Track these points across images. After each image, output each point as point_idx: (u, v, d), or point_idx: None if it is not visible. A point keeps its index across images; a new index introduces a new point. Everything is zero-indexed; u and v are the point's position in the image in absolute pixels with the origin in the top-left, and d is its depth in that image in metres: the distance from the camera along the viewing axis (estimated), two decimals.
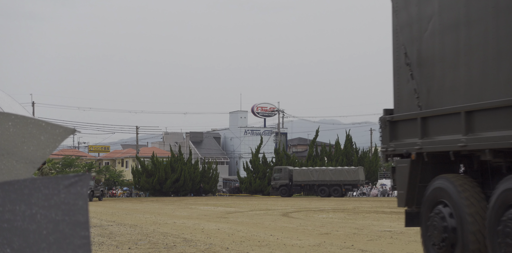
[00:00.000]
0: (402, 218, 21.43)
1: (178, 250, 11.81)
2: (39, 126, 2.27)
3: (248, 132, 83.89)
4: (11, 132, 2.26)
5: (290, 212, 27.01)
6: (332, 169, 57.05)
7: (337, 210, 28.41)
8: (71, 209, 1.73)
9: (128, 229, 17.48)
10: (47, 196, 1.75)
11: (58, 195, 1.75)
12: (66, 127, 2.33)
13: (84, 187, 1.78)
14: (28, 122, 2.26)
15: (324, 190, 55.96)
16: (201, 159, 73.11)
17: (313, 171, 56.80)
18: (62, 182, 1.77)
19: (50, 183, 1.77)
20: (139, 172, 64.98)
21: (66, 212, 1.73)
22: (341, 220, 20.67)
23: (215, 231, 16.23)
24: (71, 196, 1.75)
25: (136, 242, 13.42)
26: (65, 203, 1.74)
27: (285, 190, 57.12)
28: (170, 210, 29.90)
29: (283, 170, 57.84)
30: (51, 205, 1.74)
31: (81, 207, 1.75)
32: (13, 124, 2.26)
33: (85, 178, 1.79)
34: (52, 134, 2.29)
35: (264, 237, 14.22)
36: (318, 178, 56.19)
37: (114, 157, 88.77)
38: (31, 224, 1.72)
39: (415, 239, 13.59)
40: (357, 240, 13.41)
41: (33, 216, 1.73)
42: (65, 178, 1.78)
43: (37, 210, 1.74)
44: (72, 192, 1.76)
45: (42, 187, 1.77)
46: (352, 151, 67.45)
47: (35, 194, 1.76)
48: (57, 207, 1.74)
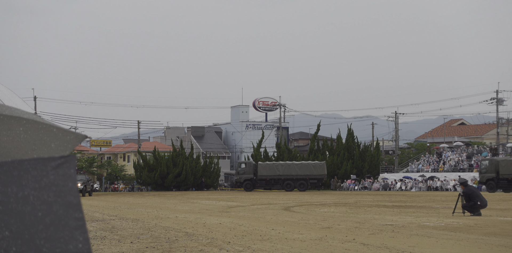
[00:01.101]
0: (403, 212, 21.48)
1: (180, 244, 11.83)
2: (50, 132, 2.19)
3: (250, 126, 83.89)
4: (22, 138, 2.16)
5: (292, 206, 27.04)
6: (298, 163, 57.29)
7: (339, 204, 28.44)
8: (62, 190, 1.72)
9: (130, 223, 17.51)
10: (36, 178, 1.74)
11: (47, 176, 1.74)
12: (77, 133, 2.26)
13: (71, 168, 1.76)
14: (40, 128, 2.18)
15: (289, 184, 56.09)
16: (203, 154, 73.15)
17: (279, 165, 56.94)
18: (49, 163, 1.75)
19: (37, 164, 1.75)
20: (141, 167, 65.06)
21: (57, 193, 1.72)
22: (342, 214, 20.69)
23: (217, 225, 16.25)
24: (60, 177, 1.74)
25: (138, 236, 13.44)
26: (55, 184, 1.73)
27: (249, 184, 56.96)
28: (172, 204, 29.94)
29: (248, 164, 57.83)
30: (41, 186, 1.73)
31: (71, 188, 1.73)
32: (24, 130, 2.16)
33: (71, 159, 1.78)
34: (63, 141, 2.21)
35: (266, 231, 14.24)
36: (283, 172, 56.24)
37: (116, 151, 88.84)
38: (25, 206, 1.70)
39: (416, 233, 13.61)
40: (358, 234, 13.41)
41: (26, 198, 1.71)
42: (52, 159, 1.76)
43: (29, 192, 1.72)
44: (60, 173, 1.75)
45: (30, 169, 1.75)
46: (353, 145, 67.44)
47: (25, 176, 1.74)
48: (48, 189, 1.72)
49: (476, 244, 11.58)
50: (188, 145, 75.05)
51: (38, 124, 2.19)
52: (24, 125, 2.16)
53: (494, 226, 15.42)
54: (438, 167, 63.41)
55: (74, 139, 2.24)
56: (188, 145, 75.62)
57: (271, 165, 56.99)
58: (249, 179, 57.09)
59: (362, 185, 62.28)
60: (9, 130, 2.16)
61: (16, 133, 2.16)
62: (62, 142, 2.21)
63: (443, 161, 64.69)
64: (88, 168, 75.52)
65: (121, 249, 11.10)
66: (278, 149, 67.42)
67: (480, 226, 15.35)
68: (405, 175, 62.51)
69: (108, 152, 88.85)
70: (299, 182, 56.17)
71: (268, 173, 56.33)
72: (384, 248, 10.90)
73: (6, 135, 2.15)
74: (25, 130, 2.17)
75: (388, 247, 11.10)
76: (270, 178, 56.52)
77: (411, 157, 78.96)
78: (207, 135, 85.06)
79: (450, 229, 14.70)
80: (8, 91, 4.29)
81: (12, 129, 2.16)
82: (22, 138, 2.17)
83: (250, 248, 11.10)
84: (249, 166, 57.67)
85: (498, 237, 12.78)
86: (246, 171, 57.13)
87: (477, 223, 16.39)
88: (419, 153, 78.24)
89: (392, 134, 79.93)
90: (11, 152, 2.17)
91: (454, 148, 69.35)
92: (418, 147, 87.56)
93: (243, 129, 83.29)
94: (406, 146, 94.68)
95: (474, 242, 11.91)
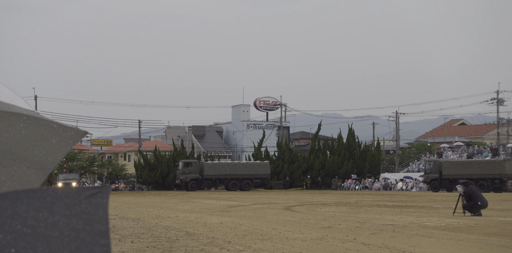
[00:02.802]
0: (404, 212, 21.47)
1: (180, 243, 11.83)
2: (50, 128, 2.20)
3: (251, 126, 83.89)
4: (23, 135, 2.18)
5: (293, 205, 27.04)
6: (243, 163, 57.41)
7: (340, 204, 28.44)
8: (92, 219, 1.77)
9: (130, 222, 17.51)
10: (68, 205, 1.79)
11: (79, 204, 1.79)
12: (78, 129, 2.25)
13: (104, 198, 1.82)
14: (40, 124, 2.19)
15: (235, 184, 55.98)
16: (204, 153, 73.15)
17: (225, 165, 56.85)
18: (83, 192, 1.81)
19: (71, 193, 1.81)
20: (142, 166, 65.06)
21: (87, 221, 1.77)
22: (343, 214, 20.69)
23: (218, 224, 16.26)
24: (91, 206, 1.79)
25: (138, 236, 13.45)
26: (86, 212, 1.78)
27: (195, 184, 56.29)
28: (173, 203, 29.95)
29: (194, 164, 56.98)
30: (72, 214, 1.78)
31: (102, 216, 1.79)
32: (24, 126, 2.18)
33: (105, 190, 1.83)
34: (64, 137, 2.22)
35: (267, 231, 14.24)
36: (230, 172, 56.08)
37: (117, 150, 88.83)
38: (54, 231, 1.76)
39: (417, 233, 13.61)
40: (359, 234, 13.41)
41: (55, 224, 1.77)
42: (86, 189, 1.82)
43: (59, 218, 1.77)
44: (93, 202, 1.80)
45: (64, 196, 1.80)
46: (354, 144, 67.44)
47: (57, 203, 1.80)
48: (78, 216, 1.78)
49: (477, 244, 11.58)
50: (189, 144, 75.06)
51: (38, 120, 2.18)
52: (24, 122, 2.16)
53: (495, 226, 15.41)
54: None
55: (75, 135, 2.23)
56: (189, 144, 75.63)
57: (217, 165, 56.70)
58: (195, 179, 56.25)
59: (363, 184, 62.26)
60: (9, 126, 2.16)
61: (17, 129, 2.16)
62: (63, 138, 2.21)
63: None
64: (89, 167, 75.53)
65: (121, 249, 11.10)
66: (279, 148, 67.41)
67: (480, 226, 15.34)
68: (405, 175, 62.49)
69: (109, 151, 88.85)
70: (245, 181, 56.16)
71: (214, 172, 55.92)
72: (384, 248, 10.90)
73: (7, 131, 2.16)
74: (26, 126, 2.16)
75: (389, 247, 11.11)
76: (216, 177, 56.12)
77: (411, 156, 78.92)
78: (208, 134, 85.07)
79: (451, 229, 14.70)
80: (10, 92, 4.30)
81: (12, 125, 2.16)
82: (23, 134, 2.17)
83: (250, 247, 11.10)
84: (195, 165, 56.78)
85: (499, 238, 12.77)
86: (192, 170, 56.27)
87: (477, 223, 16.38)
88: (419, 153, 78.21)
89: (392, 133, 79.90)
90: (12, 147, 2.18)
91: (455, 148, 69.33)
92: (418, 146, 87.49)
93: (244, 128, 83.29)
94: (407, 146, 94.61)
95: (474, 242, 11.90)
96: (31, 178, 2.26)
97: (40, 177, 2.27)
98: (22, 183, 2.26)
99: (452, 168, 49.50)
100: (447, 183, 49.80)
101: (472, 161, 50.92)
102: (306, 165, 65.02)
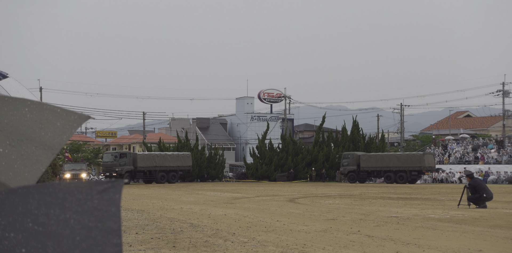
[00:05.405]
0: (409, 204, 21.46)
1: (185, 235, 11.86)
2: (54, 112, 2.27)
3: (255, 118, 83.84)
4: (28, 118, 2.25)
5: (297, 197, 27.06)
6: (170, 154, 55.61)
7: (344, 196, 28.44)
8: (104, 216, 1.71)
9: (135, 214, 17.56)
10: (80, 201, 1.74)
11: (91, 200, 1.73)
12: (81, 113, 2.32)
13: (117, 193, 1.75)
14: (44, 108, 2.26)
15: (163, 176, 54.62)
16: (208, 145, 73.18)
17: (155, 156, 54.75)
18: (95, 187, 1.76)
19: (83, 187, 1.76)
20: None
21: (99, 219, 1.71)
22: (347, 206, 20.69)
23: (222, 216, 16.28)
24: (104, 202, 1.73)
25: (143, 227, 13.48)
26: (98, 209, 1.73)
27: (129, 177, 53.57)
28: (177, 195, 30.01)
29: (128, 155, 54.32)
30: (84, 210, 1.72)
31: (114, 213, 1.72)
32: (29, 110, 2.25)
33: (118, 184, 1.77)
34: (68, 120, 2.28)
35: (271, 223, 14.26)
36: (159, 163, 54.36)
37: (121, 142, 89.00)
38: (65, 229, 1.70)
39: (421, 225, 13.60)
40: (363, 226, 13.42)
41: (67, 221, 1.71)
42: (98, 183, 1.76)
43: (70, 215, 1.72)
44: (105, 198, 1.74)
45: (76, 191, 1.75)
46: (359, 137, 67.33)
47: (69, 198, 1.74)
48: (90, 213, 1.72)
49: (482, 236, 11.57)
50: (193, 136, 75.12)
51: (42, 105, 2.28)
52: (29, 106, 2.26)
53: (500, 219, 15.40)
54: (443, 159, 63.31)
55: (78, 119, 2.30)
56: (193, 136, 75.68)
57: (149, 156, 54.65)
58: (129, 171, 53.69)
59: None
60: (15, 110, 2.26)
61: (22, 112, 2.25)
62: (67, 121, 2.28)
63: (449, 153, 64.57)
64: (94, 159, 75.72)
65: (126, 240, 11.13)
66: (283, 140, 67.40)
67: (485, 219, 15.33)
68: None
69: (113, 143, 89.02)
70: (171, 173, 55.04)
71: (147, 164, 53.96)
72: (389, 240, 10.90)
73: (13, 115, 2.26)
74: (31, 110, 2.26)
75: (393, 239, 11.10)
76: (148, 169, 54.19)
77: (416, 149, 78.81)
78: (212, 126, 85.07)
79: (456, 221, 14.68)
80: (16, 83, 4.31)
81: (18, 109, 2.25)
82: (29, 117, 2.26)
83: (255, 239, 11.11)
84: (129, 157, 54.19)
85: (504, 230, 12.76)
86: (127, 162, 53.62)
87: (482, 215, 16.37)
88: (424, 145, 78.10)
89: (397, 126, 79.79)
90: (19, 129, 2.26)
91: (460, 140, 69.19)
92: (423, 139, 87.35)
93: (248, 121, 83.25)
94: (412, 138, 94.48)
95: (479, 234, 11.89)
96: (40, 157, 2.31)
97: (49, 157, 2.32)
98: (32, 161, 2.31)
99: (370, 161, 52.81)
100: (364, 175, 53.51)
101: (391, 154, 54.18)
102: (310, 157, 64.99)
